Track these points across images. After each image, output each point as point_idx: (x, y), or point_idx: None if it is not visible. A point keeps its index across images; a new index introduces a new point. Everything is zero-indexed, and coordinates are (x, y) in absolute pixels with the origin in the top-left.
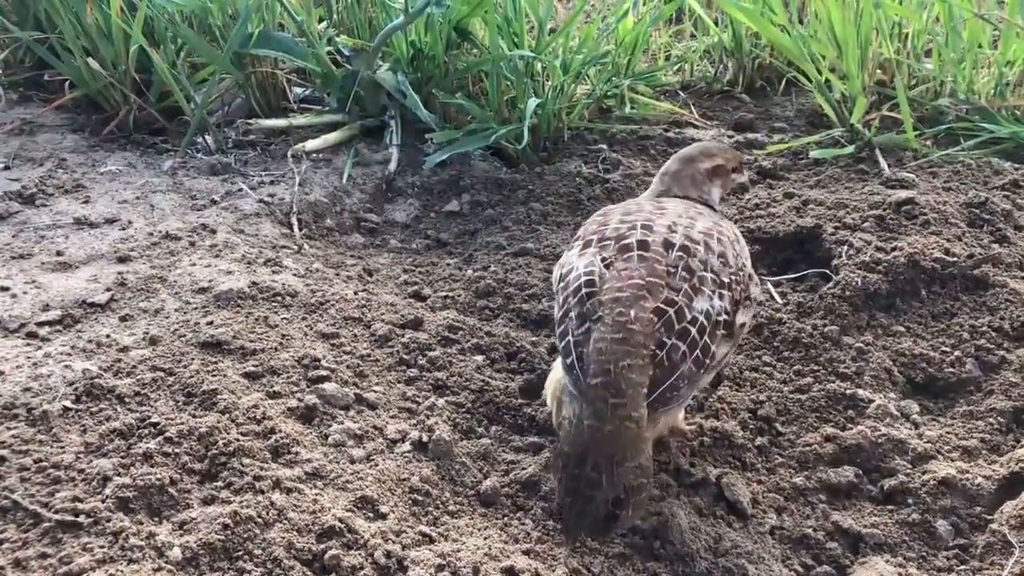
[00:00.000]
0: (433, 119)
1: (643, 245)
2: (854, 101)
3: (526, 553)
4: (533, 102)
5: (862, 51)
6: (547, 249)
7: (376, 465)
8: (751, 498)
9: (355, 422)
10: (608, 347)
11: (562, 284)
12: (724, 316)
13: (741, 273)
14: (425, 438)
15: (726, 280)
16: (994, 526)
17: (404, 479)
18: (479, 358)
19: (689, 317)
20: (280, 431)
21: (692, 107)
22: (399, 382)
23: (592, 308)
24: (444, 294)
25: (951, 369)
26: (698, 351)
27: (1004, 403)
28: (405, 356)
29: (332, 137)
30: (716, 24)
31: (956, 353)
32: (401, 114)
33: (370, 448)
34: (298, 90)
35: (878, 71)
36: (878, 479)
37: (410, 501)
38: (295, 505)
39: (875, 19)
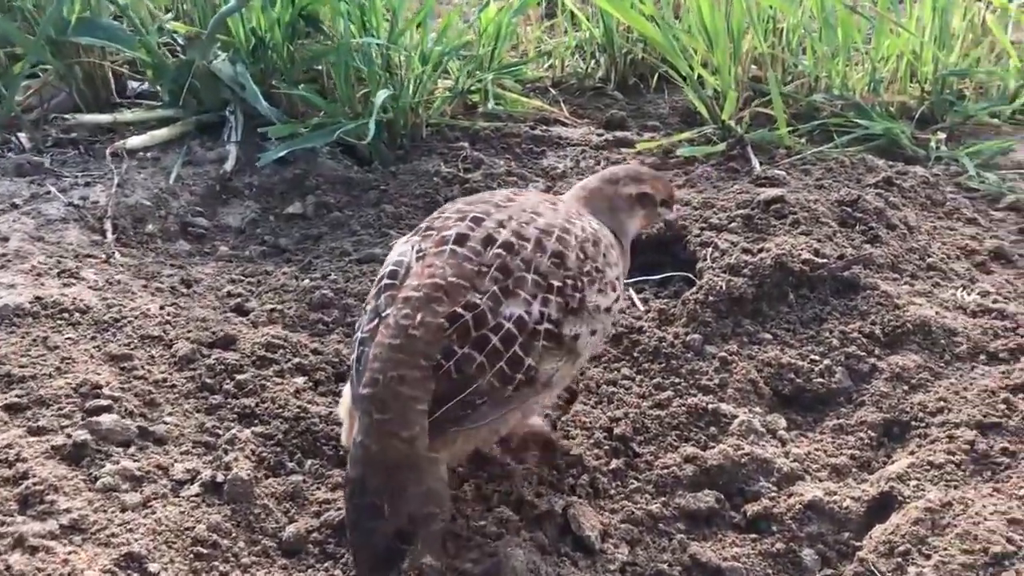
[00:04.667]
0: (275, 113)
1: (461, 239)
2: (726, 97)
3: None
4: (383, 94)
5: (734, 44)
6: None
7: (153, 513)
8: (601, 531)
9: (135, 461)
10: (383, 353)
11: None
12: (547, 325)
13: (583, 279)
14: (220, 478)
15: (555, 284)
16: (862, 554)
17: (187, 528)
18: (299, 380)
19: (492, 323)
20: (35, 476)
21: (562, 104)
22: (198, 411)
23: (385, 304)
24: (271, 307)
25: (820, 380)
26: (503, 363)
27: (875, 415)
28: (209, 380)
29: (161, 134)
30: (589, 18)
31: (826, 362)
32: (244, 109)
33: (148, 492)
34: (134, 84)
35: (753, 67)
36: (741, 504)
37: (191, 555)
38: (38, 569)
39: (748, 12)
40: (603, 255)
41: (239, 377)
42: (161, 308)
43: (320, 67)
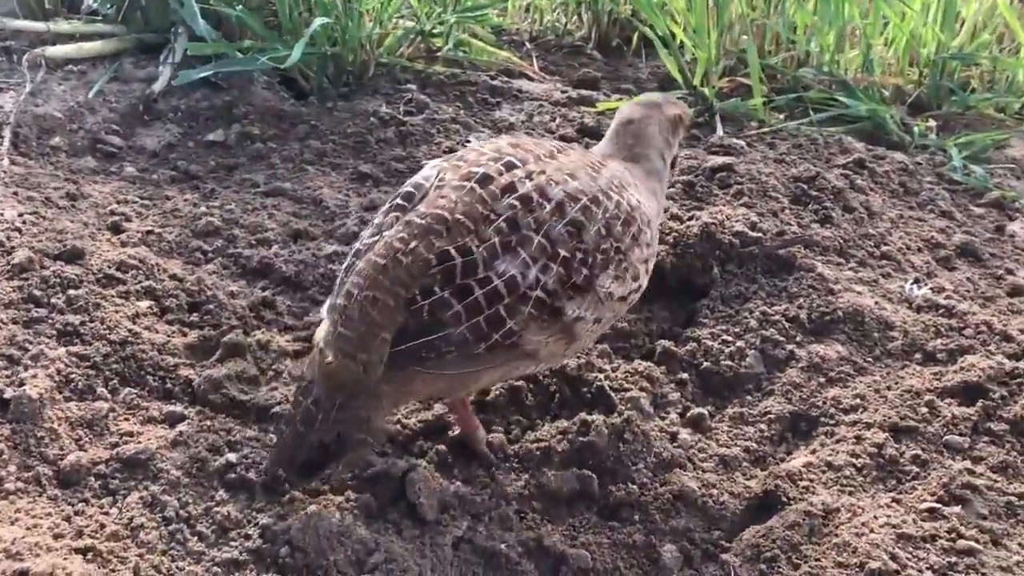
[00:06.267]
0: (213, 35)
1: (485, 180)
2: (704, 61)
3: (81, 552)
4: (320, 22)
5: (719, 8)
6: (305, 191)
7: None
8: (441, 500)
9: None
10: (366, 270)
11: None
12: (540, 293)
13: (597, 257)
14: (9, 394)
15: (563, 254)
16: (726, 556)
17: None
18: (143, 304)
19: (480, 275)
20: None
21: (534, 59)
22: (14, 322)
23: (390, 224)
24: (149, 229)
25: (728, 362)
26: (481, 320)
27: (782, 406)
28: (38, 292)
29: (93, 47)
30: None
31: (739, 344)
32: (188, 31)
33: None
34: (90, 1)
35: (744, 37)
36: (609, 487)
37: None
38: None
39: None
40: (632, 236)
41: (72, 292)
42: (20, 216)
43: None
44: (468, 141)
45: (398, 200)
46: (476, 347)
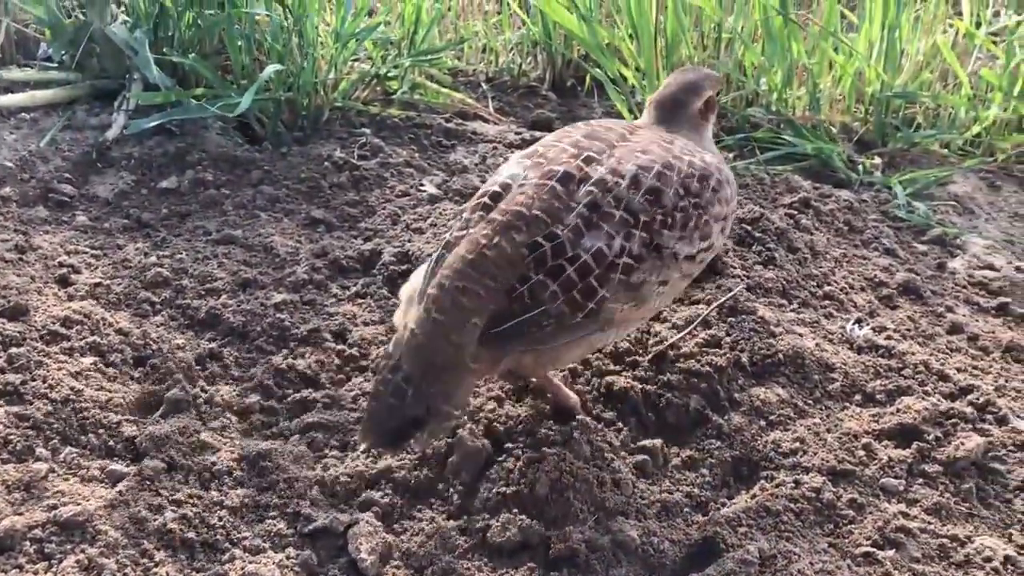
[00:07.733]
0: (168, 82)
1: (566, 179)
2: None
3: None
4: (272, 68)
5: (668, 47)
6: (256, 239)
7: None
8: (383, 554)
9: None
10: (455, 263)
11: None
12: (627, 259)
13: (676, 216)
14: None
15: (644, 219)
16: None
17: None
18: (87, 360)
19: (569, 254)
20: None
21: (490, 100)
22: None
23: (476, 220)
24: (97, 281)
25: (671, 406)
26: (575, 292)
27: (725, 452)
28: None
29: (44, 95)
30: (528, 14)
31: (682, 388)
32: (145, 78)
33: None
34: (45, 47)
35: None
36: (553, 536)
37: None
38: None
39: (679, 15)
40: (711, 189)
41: (13, 351)
42: None
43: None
44: (422, 185)
45: (486, 200)
46: (571, 319)
